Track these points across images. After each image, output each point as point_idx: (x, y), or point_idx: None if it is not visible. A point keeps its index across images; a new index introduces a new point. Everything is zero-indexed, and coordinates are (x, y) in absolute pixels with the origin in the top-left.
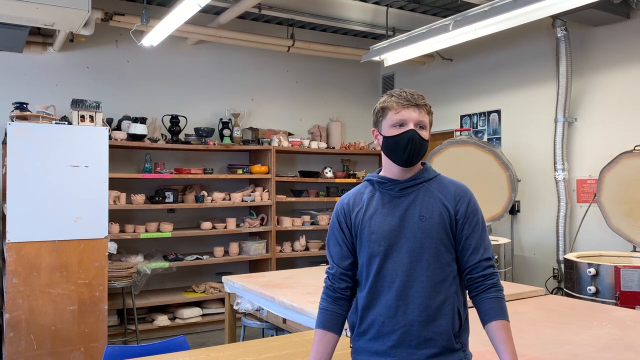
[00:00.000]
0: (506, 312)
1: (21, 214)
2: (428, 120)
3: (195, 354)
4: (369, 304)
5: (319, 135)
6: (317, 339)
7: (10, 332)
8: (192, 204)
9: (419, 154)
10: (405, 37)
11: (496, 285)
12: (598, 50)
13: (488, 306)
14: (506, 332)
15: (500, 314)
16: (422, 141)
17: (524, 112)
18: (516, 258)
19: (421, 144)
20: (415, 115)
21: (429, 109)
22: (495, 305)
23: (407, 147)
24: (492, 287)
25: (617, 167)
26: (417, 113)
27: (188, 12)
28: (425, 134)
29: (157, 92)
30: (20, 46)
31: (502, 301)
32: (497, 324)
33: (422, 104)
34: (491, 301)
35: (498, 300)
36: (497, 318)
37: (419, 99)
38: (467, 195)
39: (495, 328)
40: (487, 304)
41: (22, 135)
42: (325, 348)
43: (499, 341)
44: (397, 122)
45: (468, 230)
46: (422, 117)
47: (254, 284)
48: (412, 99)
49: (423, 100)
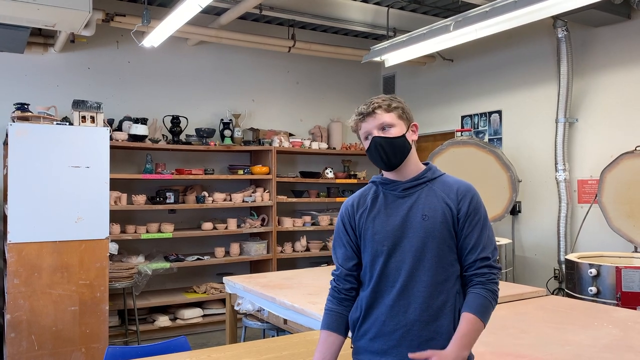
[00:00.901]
0: (481, 310)
1: (22, 215)
2: (393, 117)
3: (196, 355)
4: (372, 303)
5: (320, 136)
6: (322, 340)
7: (12, 333)
8: (193, 204)
9: (395, 154)
10: (406, 37)
11: (484, 283)
12: (599, 50)
13: (467, 299)
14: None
15: (470, 308)
16: (390, 141)
17: (525, 113)
18: (517, 259)
19: (391, 144)
20: (372, 122)
21: (387, 107)
22: (471, 299)
23: (377, 153)
24: (479, 285)
25: (618, 167)
26: (373, 119)
27: (189, 13)
28: (393, 132)
29: (158, 93)
30: (22, 47)
31: (481, 298)
32: (463, 316)
33: (374, 108)
34: (471, 296)
35: (476, 297)
36: (467, 310)
37: (371, 105)
38: (470, 194)
39: (461, 318)
40: (468, 297)
41: (23, 136)
42: (329, 349)
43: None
44: (363, 136)
45: (468, 229)
46: (380, 119)
47: (254, 284)
48: (365, 109)
49: (377, 103)
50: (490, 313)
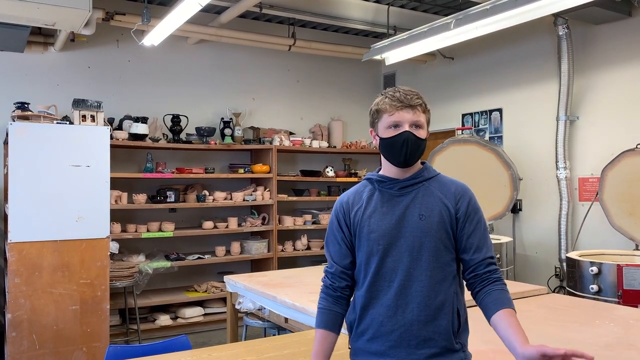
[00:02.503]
0: (513, 304)
1: (23, 214)
2: (425, 119)
3: (197, 354)
4: (368, 303)
5: (320, 135)
6: (320, 339)
7: (13, 332)
8: (193, 203)
9: (415, 154)
10: (406, 35)
11: (501, 279)
12: (600, 48)
13: (494, 297)
14: (515, 318)
15: (508, 304)
16: (418, 141)
17: (526, 111)
18: (518, 257)
19: (417, 144)
20: (409, 116)
21: (424, 107)
22: (501, 296)
23: (402, 148)
24: (497, 281)
25: (619, 165)
26: (412, 114)
27: (189, 12)
28: (421, 133)
29: (158, 92)
30: (22, 46)
31: (507, 294)
32: (505, 312)
33: (416, 104)
34: (497, 292)
35: (504, 293)
36: (505, 307)
37: (413, 98)
38: (468, 194)
39: (503, 315)
40: (493, 295)
41: (23, 135)
42: (329, 347)
43: (509, 325)
44: (391, 123)
45: (469, 228)
46: (417, 116)
47: (255, 283)
48: (406, 99)
49: (418, 100)
50: None
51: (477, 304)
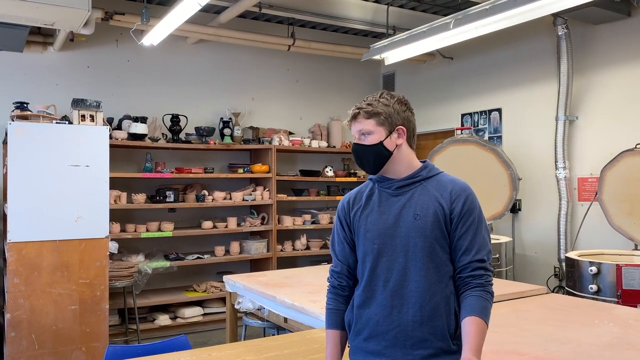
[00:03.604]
0: (484, 312)
1: (22, 214)
2: (374, 123)
3: (196, 354)
4: (364, 302)
5: (320, 134)
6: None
7: (12, 332)
8: (192, 203)
9: (369, 161)
10: (405, 35)
11: (483, 285)
12: (599, 48)
13: (468, 302)
14: (476, 327)
15: (475, 311)
16: (365, 149)
17: (525, 111)
18: (517, 256)
19: (365, 152)
20: (355, 127)
21: (368, 112)
22: (474, 302)
23: (357, 160)
24: (477, 287)
25: (618, 165)
26: (357, 124)
27: (188, 11)
28: (370, 139)
29: (157, 92)
30: (21, 46)
31: (483, 301)
32: (469, 319)
33: (356, 113)
34: (471, 299)
35: (478, 299)
36: (472, 314)
37: (355, 109)
38: (465, 194)
39: (466, 322)
40: (467, 301)
41: (22, 134)
42: (343, 347)
43: (465, 333)
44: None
45: (462, 229)
46: (361, 125)
47: (255, 283)
48: (351, 112)
49: (359, 108)
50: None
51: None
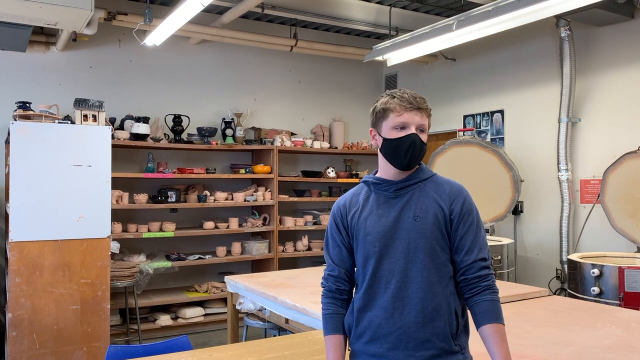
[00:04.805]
0: (501, 315)
1: (24, 214)
2: (428, 124)
3: (197, 354)
4: (365, 305)
5: (322, 135)
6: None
7: (13, 332)
8: (194, 203)
9: (418, 158)
10: (408, 36)
11: (491, 287)
12: (602, 50)
13: (482, 309)
14: (500, 335)
15: (494, 317)
16: (422, 145)
17: (528, 112)
18: (519, 258)
19: (421, 148)
20: (417, 118)
21: (429, 112)
22: (489, 308)
23: (408, 151)
24: (487, 289)
25: (621, 167)
26: (419, 116)
27: (191, 12)
28: (425, 137)
29: (160, 92)
30: (23, 45)
31: (497, 304)
32: (491, 327)
33: (423, 107)
34: (486, 304)
35: (493, 303)
36: (492, 321)
37: (421, 102)
38: (462, 195)
39: (489, 331)
40: (481, 307)
41: (25, 134)
42: (345, 352)
43: (493, 343)
44: (398, 124)
45: (462, 229)
46: (424, 120)
47: (256, 283)
48: (415, 102)
49: (425, 104)
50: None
51: (468, 308)
